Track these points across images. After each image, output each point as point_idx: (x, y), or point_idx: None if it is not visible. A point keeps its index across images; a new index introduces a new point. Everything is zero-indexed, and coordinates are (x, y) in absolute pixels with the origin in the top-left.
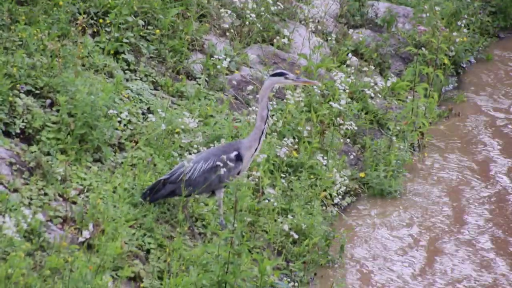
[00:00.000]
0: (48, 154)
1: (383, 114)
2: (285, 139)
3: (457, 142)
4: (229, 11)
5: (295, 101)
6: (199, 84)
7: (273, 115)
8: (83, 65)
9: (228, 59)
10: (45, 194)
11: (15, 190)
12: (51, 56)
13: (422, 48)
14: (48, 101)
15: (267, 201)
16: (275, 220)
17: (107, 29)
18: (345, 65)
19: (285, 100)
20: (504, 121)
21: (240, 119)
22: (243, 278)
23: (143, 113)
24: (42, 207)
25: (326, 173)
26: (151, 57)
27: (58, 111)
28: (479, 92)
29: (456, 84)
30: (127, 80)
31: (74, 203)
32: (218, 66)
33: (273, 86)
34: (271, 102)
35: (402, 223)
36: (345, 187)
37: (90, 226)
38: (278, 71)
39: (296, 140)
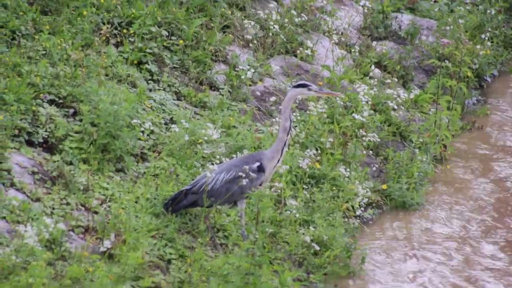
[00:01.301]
0: (71, 163)
1: (406, 126)
2: (308, 150)
3: (479, 155)
4: (252, 22)
5: (318, 113)
6: (222, 95)
7: (295, 126)
8: (107, 75)
9: (252, 70)
10: (67, 204)
11: (37, 199)
12: (74, 66)
13: (446, 61)
14: (71, 110)
15: (289, 212)
16: (297, 232)
17: (130, 39)
18: (368, 77)
19: (308, 112)
20: None
21: (262, 130)
22: None
23: (165, 123)
24: (64, 216)
25: (348, 184)
26: (174, 67)
27: (81, 120)
28: (502, 105)
29: (479, 97)
30: (150, 90)
31: (96, 212)
32: (242, 77)
33: (296, 97)
34: (294, 113)
35: (424, 235)
36: (367, 199)
37: (112, 236)
38: (301, 82)
39: (319, 151)
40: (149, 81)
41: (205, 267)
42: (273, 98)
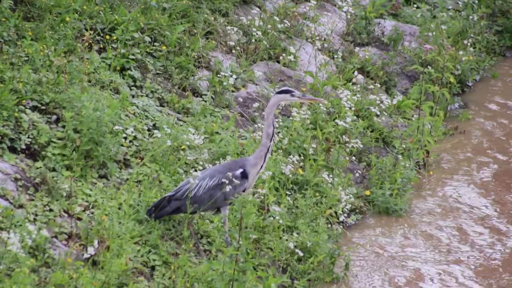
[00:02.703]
0: (54, 170)
1: (389, 132)
2: (291, 156)
3: (462, 160)
4: (235, 28)
5: (301, 119)
6: (205, 101)
7: (278, 133)
8: (89, 81)
9: (234, 76)
10: (50, 210)
11: (20, 206)
12: (57, 72)
13: (428, 67)
14: (54, 117)
15: (272, 218)
16: (280, 238)
17: (113, 45)
18: (351, 83)
19: (291, 118)
20: (509, 140)
21: (245, 136)
22: None
23: (148, 130)
24: (47, 223)
25: (331, 190)
26: (157, 73)
27: (63, 127)
28: (484, 110)
29: (462, 103)
30: (133, 96)
31: (79, 219)
32: (224, 83)
33: (279, 103)
34: (277, 120)
35: (407, 241)
36: (350, 205)
37: (95, 243)
38: (284, 88)
39: (302, 157)
40: (132, 87)
41: (189, 273)
42: (256, 104)
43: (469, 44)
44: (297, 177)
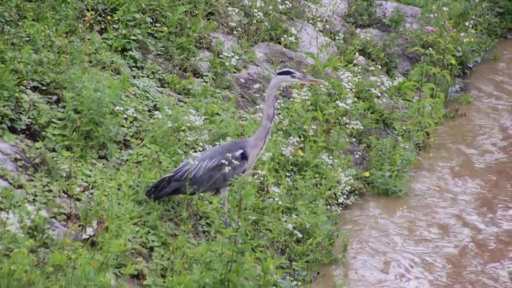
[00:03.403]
0: (53, 150)
1: (389, 114)
2: (291, 137)
3: (462, 143)
4: (236, 9)
5: (302, 100)
6: (206, 82)
7: (279, 114)
8: (90, 62)
9: (236, 57)
10: (50, 191)
11: (20, 187)
12: (58, 53)
13: (429, 48)
14: (55, 97)
15: (271, 199)
16: (279, 219)
17: (114, 26)
18: (352, 65)
19: (291, 99)
20: (510, 122)
21: (246, 117)
22: (246, 277)
23: (149, 110)
24: (46, 203)
25: (331, 172)
26: (158, 54)
27: (64, 107)
28: (485, 92)
29: (463, 85)
30: (134, 77)
31: (79, 200)
32: (226, 64)
33: (279, 84)
34: (277, 101)
35: (406, 222)
36: (349, 187)
37: (94, 223)
38: (285, 69)
39: (302, 139)
40: (133, 68)
41: (188, 254)
42: (257, 85)
43: (470, 26)
44: (297, 158)
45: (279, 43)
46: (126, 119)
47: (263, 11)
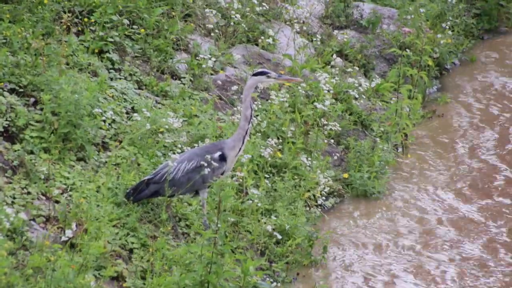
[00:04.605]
0: (32, 152)
1: (367, 115)
2: (269, 139)
3: (440, 143)
4: (214, 11)
5: (280, 102)
6: (184, 84)
7: (257, 115)
8: (67, 64)
9: (213, 59)
10: (28, 193)
11: None
12: (35, 55)
13: (407, 50)
14: (32, 99)
15: (250, 201)
16: (259, 221)
17: (91, 28)
18: (329, 66)
19: (269, 101)
20: (487, 123)
21: (224, 119)
22: (226, 278)
23: (127, 113)
24: (25, 206)
25: (310, 173)
26: (135, 56)
27: (42, 109)
28: (462, 93)
29: (440, 86)
30: (111, 79)
31: (57, 202)
32: (203, 66)
33: (256, 85)
34: (255, 103)
35: (385, 223)
36: (328, 188)
37: (73, 225)
38: (260, 70)
39: (280, 140)
40: (111, 70)
41: (167, 256)
42: (234, 87)
43: (447, 27)
44: (275, 160)
45: (257, 44)
46: (104, 121)
47: (241, 12)
